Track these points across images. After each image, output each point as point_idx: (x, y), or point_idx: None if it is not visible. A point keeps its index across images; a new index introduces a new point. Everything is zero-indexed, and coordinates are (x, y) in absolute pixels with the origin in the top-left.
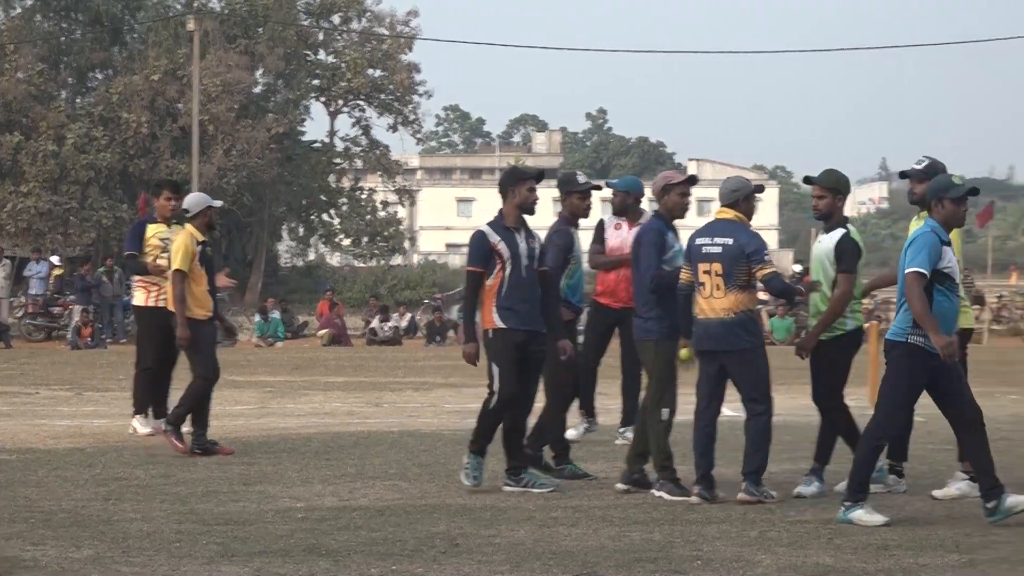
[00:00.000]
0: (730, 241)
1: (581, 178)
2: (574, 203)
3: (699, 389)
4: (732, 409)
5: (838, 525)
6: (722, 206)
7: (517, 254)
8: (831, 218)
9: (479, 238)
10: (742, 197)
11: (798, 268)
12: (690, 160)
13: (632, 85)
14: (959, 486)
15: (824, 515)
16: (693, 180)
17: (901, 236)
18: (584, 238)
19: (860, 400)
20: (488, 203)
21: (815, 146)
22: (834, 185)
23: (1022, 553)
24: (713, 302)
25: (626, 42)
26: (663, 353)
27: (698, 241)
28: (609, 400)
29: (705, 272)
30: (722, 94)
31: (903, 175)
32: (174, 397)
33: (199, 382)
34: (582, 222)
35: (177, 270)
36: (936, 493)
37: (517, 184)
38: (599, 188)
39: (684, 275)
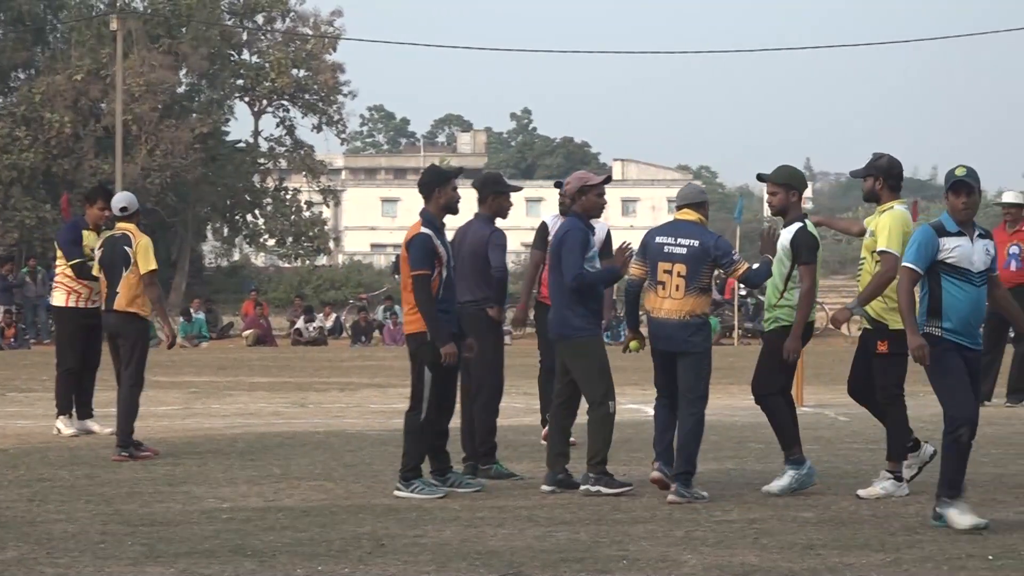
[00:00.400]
0: (695, 243)
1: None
2: (501, 203)
3: (657, 382)
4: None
5: (764, 525)
6: (685, 207)
7: (449, 256)
8: (787, 213)
9: (427, 240)
10: (706, 200)
11: None
12: (615, 160)
13: (557, 85)
14: (884, 485)
15: (750, 515)
16: (609, 180)
17: (825, 236)
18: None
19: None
20: (413, 203)
21: (739, 146)
22: (786, 180)
23: (947, 552)
24: (671, 302)
25: (551, 42)
26: (597, 348)
27: (659, 239)
28: (533, 399)
29: (666, 272)
30: (647, 94)
31: (853, 175)
32: (99, 397)
33: (137, 390)
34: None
35: (154, 270)
36: (861, 492)
37: (444, 184)
38: (520, 189)
39: (636, 270)
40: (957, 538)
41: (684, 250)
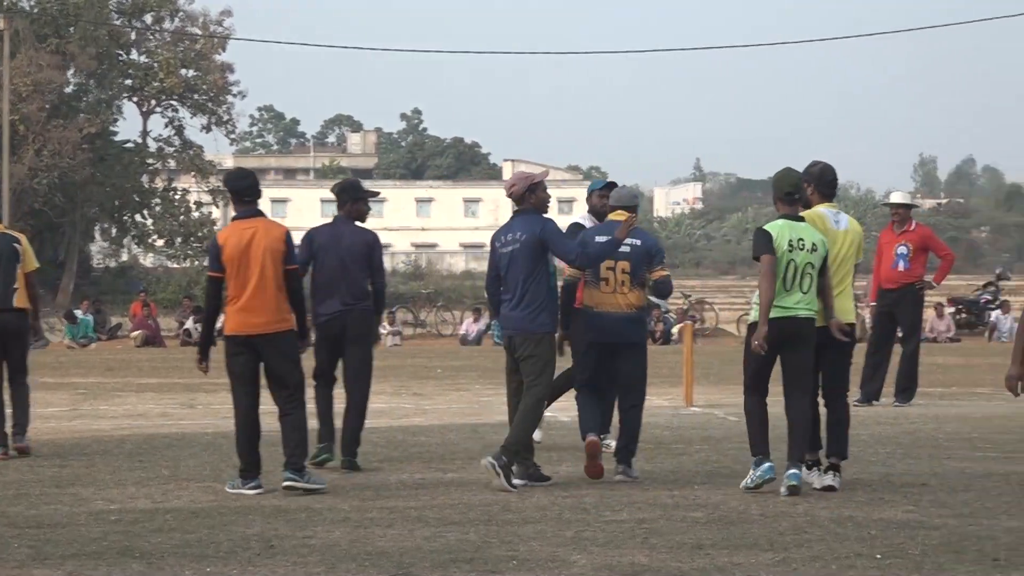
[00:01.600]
0: (638, 242)
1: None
2: (360, 209)
3: (583, 377)
4: (547, 410)
5: (654, 525)
6: (619, 209)
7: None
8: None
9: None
10: (638, 203)
11: None
12: (505, 160)
13: (447, 85)
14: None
15: (639, 515)
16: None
17: (715, 236)
18: None
19: (673, 400)
20: (302, 203)
21: (630, 147)
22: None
23: (836, 551)
24: (618, 298)
25: (440, 42)
26: (554, 343)
27: (599, 239)
28: (423, 400)
29: (609, 269)
30: (537, 94)
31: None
32: None
33: (28, 386)
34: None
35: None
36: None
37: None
38: (378, 194)
39: (573, 270)
40: (845, 537)
41: (628, 248)
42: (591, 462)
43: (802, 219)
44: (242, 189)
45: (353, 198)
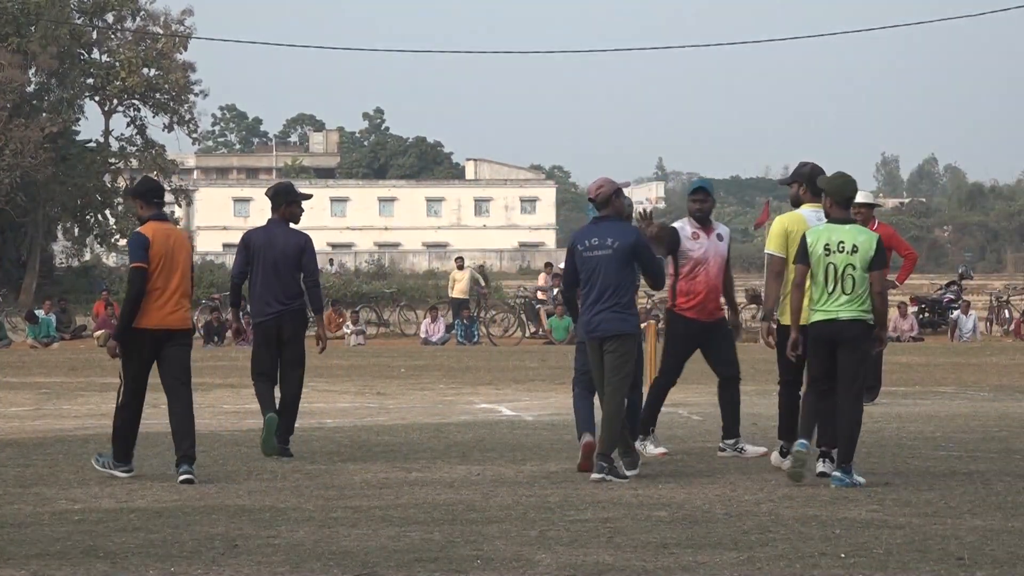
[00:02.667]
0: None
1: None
2: (293, 211)
3: (583, 370)
4: (511, 409)
5: (618, 524)
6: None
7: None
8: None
9: None
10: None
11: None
12: (468, 160)
13: (409, 85)
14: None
15: (604, 514)
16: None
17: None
18: None
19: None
20: (265, 203)
21: (593, 146)
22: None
23: (800, 550)
24: None
25: (403, 42)
26: (638, 344)
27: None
28: (389, 399)
29: None
30: (499, 94)
31: (781, 183)
32: None
33: None
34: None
35: None
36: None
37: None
38: (311, 197)
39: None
40: (810, 536)
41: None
42: (585, 462)
43: (852, 221)
44: (149, 191)
45: (287, 201)
